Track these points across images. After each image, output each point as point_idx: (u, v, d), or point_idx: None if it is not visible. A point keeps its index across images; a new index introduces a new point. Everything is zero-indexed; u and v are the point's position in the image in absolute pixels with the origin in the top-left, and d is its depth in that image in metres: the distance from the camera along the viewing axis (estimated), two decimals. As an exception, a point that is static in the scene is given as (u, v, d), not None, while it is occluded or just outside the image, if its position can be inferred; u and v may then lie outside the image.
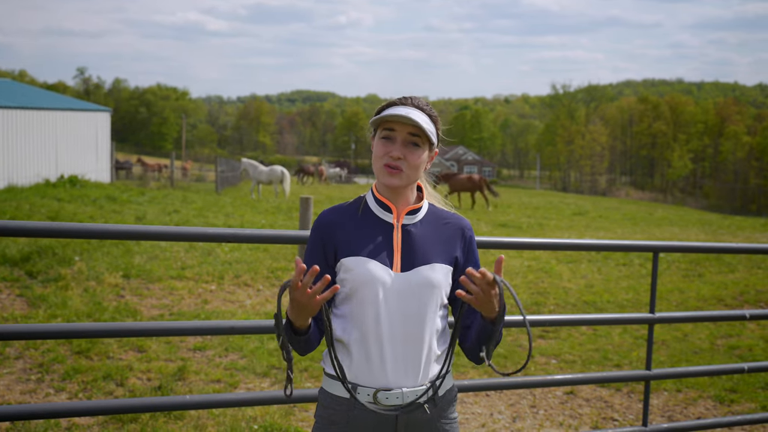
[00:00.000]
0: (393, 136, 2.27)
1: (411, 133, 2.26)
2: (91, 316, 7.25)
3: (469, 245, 2.38)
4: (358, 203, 2.38)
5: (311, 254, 2.33)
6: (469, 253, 2.38)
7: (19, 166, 22.84)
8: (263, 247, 11.20)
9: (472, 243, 2.40)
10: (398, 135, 2.26)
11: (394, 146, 2.26)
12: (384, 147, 2.27)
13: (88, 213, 13.87)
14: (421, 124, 2.22)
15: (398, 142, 2.26)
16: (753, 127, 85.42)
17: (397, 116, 2.22)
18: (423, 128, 2.23)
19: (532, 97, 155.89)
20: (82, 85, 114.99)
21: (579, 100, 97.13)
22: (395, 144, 2.26)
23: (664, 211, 33.87)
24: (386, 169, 2.26)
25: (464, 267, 2.35)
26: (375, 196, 2.36)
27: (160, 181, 33.90)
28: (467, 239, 2.38)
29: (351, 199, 2.42)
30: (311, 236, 2.34)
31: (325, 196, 27.21)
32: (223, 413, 5.14)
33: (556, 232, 17.01)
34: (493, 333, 2.19)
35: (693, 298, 9.72)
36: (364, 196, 2.40)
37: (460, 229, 2.37)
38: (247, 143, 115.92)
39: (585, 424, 5.49)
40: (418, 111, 2.28)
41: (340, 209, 2.37)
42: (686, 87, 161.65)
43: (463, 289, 2.30)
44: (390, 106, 2.31)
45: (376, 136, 2.32)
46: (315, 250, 2.32)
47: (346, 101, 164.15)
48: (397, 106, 2.29)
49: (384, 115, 2.25)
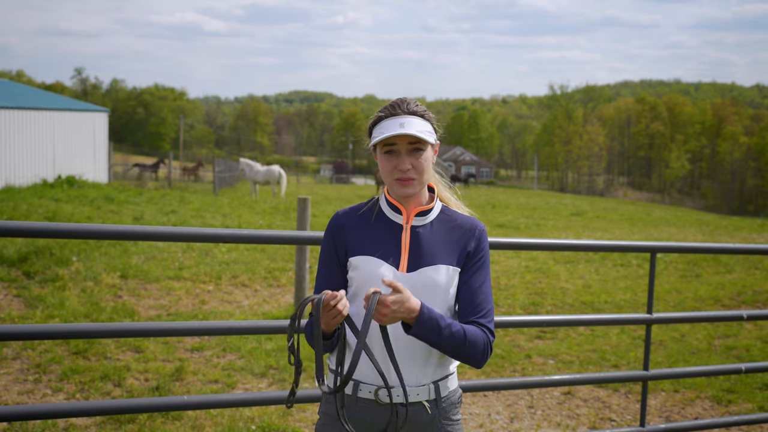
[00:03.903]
0: (395, 150, 2.29)
1: (411, 141, 2.29)
2: (89, 317, 7.24)
3: (477, 247, 2.36)
4: (373, 204, 2.43)
5: (325, 254, 2.41)
6: (477, 254, 2.36)
7: (16, 166, 22.82)
8: (261, 248, 11.20)
9: (481, 248, 2.38)
10: (400, 148, 2.29)
11: (400, 159, 2.29)
12: (390, 162, 2.30)
13: (85, 213, 13.86)
14: (419, 135, 2.24)
15: (402, 155, 2.29)
16: (750, 128, 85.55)
17: (395, 136, 2.25)
18: (421, 137, 2.25)
19: (529, 97, 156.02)
20: (79, 86, 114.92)
21: (576, 101, 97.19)
22: (400, 156, 2.29)
23: (662, 211, 33.91)
24: (398, 182, 2.30)
25: (471, 268, 2.34)
26: (386, 198, 2.40)
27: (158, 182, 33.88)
28: (477, 241, 2.37)
29: (366, 200, 2.47)
30: (325, 236, 2.43)
31: (322, 197, 27.22)
32: (221, 414, 5.14)
33: (554, 233, 17.02)
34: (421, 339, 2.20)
35: (690, 298, 9.73)
36: (378, 198, 2.44)
37: (470, 231, 2.37)
38: (245, 144, 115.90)
39: (582, 424, 5.49)
40: (410, 117, 2.30)
41: (354, 210, 2.43)
42: (684, 87, 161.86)
43: (460, 295, 2.35)
44: (381, 119, 2.32)
45: (377, 152, 2.34)
46: (328, 250, 2.40)
47: (344, 101, 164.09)
48: (390, 119, 2.30)
49: (383, 137, 2.26)
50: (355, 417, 2.31)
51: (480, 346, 2.26)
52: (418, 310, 2.14)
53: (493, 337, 2.31)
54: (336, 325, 2.17)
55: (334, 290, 2.35)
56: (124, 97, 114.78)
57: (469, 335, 2.23)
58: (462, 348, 2.22)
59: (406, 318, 2.14)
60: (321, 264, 2.42)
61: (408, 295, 2.13)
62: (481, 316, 2.31)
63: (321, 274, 2.40)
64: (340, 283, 2.39)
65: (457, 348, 2.22)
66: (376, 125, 2.34)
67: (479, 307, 2.32)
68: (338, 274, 2.39)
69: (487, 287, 2.36)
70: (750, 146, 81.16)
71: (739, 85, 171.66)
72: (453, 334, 2.20)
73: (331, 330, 2.22)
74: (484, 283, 2.35)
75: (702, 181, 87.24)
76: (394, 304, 2.10)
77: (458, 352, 2.24)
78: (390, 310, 2.10)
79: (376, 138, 2.28)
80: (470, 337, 2.24)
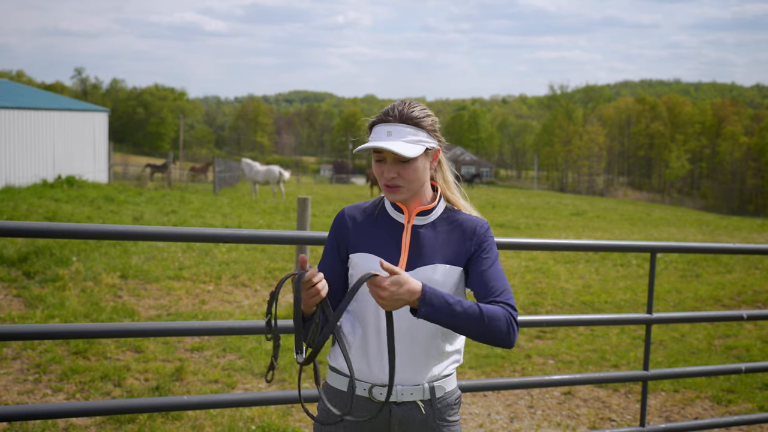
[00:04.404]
0: (383, 158, 2.30)
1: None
2: (89, 317, 7.24)
3: (479, 246, 2.33)
4: (377, 202, 2.44)
5: (328, 250, 2.44)
6: (479, 254, 2.33)
7: (16, 166, 22.82)
8: (261, 248, 11.20)
9: (485, 244, 2.34)
10: (387, 156, 2.29)
11: (386, 167, 2.29)
12: (378, 168, 2.31)
13: (85, 213, 13.86)
14: (398, 152, 2.20)
15: (389, 163, 2.28)
16: (750, 128, 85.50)
17: (374, 147, 2.24)
18: (402, 156, 2.22)
19: (529, 97, 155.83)
20: (79, 86, 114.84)
21: (576, 101, 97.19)
22: (387, 165, 2.29)
23: (662, 211, 33.92)
24: (386, 189, 2.31)
25: (477, 260, 2.32)
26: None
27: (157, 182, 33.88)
28: (479, 240, 2.34)
29: (371, 199, 2.47)
30: (329, 232, 2.45)
31: (322, 197, 27.22)
32: (221, 413, 5.14)
33: (554, 233, 17.02)
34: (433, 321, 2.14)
35: (690, 298, 9.73)
36: (383, 196, 2.45)
37: (472, 230, 2.35)
38: (245, 144, 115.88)
39: (582, 424, 5.50)
40: (400, 125, 2.27)
41: (358, 207, 2.45)
42: (684, 87, 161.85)
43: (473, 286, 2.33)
44: (375, 124, 2.33)
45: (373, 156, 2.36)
46: (332, 245, 2.43)
47: (344, 101, 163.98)
48: (380, 125, 2.30)
49: (362, 148, 2.27)
50: (351, 413, 2.31)
51: (503, 322, 2.16)
52: (419, 291, 2.07)
53: (515, 312, 2.21)
54: (314, 304, 2.16)
55: (334, 284, 2.38)
56: (124, 97, 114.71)
57: (485, 311, 2.14)
58: (482, 324, 2.13)
59: (409, 301, 2.07)
60: (323, 257, 2.44)
61: (406, 277, 2.06)
62: (497, 295, 2.24)
63: (322, 267, 2.42)
64: (341, 278, 2.40)
65: (476, 325, 2.13)
66: (371, 128, 2.35)
67: (493, 288, 2.25)
68: (339, 268, 2.40)
69: (497, 270, 2.30)
70: (750, 146, 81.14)
71: (739, 85, 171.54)
72: (465, 310, 2.11)
73: (310, 311, 2.21)
74: (492, 267, 2.30)
75: (702, 181, 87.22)
76: (392, 285, 2.04)
77: (481, 331, 2.14)
78: (388, 292, 2.04)
79: (360, 146, 2.29)
80: (488, 312, 2.14)
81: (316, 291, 2.13)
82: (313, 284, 2.12)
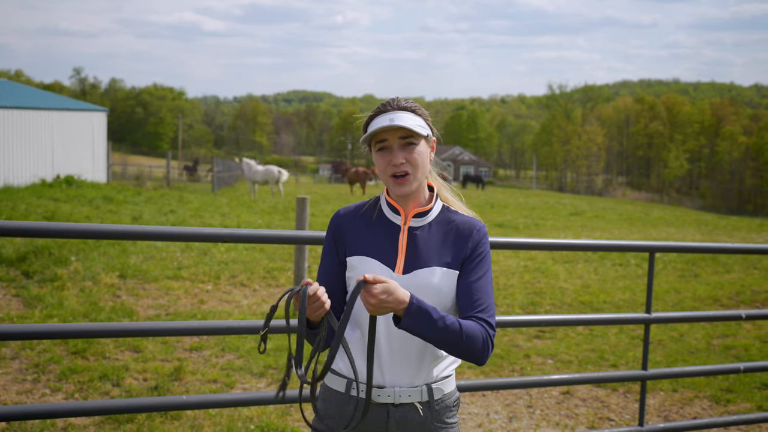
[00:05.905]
0: (387, 146, 2.29)
1: (402, 136, 2.28)
2: (88, 317, 7.24)
3: (475, 248, 2.33)
4: (374, 203, 2.42)
5: (326, 251, 2.43)
6: (472, 258, 2.32)
7: (15, 166, 22.81)
8: (259, 248, 11.20)
9: (480, 246, 2.34)
10: (392, 143, 2.28)
11: (393, 154, 2.28)
12: (384, 158, 2.30)
13: (84, 213, 13.85)
14: (407, 125, 2.24)
15: (395, 149, 2.28)
16: (749, 128, 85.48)
17: (382, 128, 2.25)
18: (411, 129, 2.24)
19: (528, 97, 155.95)
20: (78, 85, 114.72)
21: (575, 101, 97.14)
22: (393, 151, 2.28)
23: (661, 211, 33.92)
24: (393, 179, 2.28)
25: (468, 266, 2.31)
26: (386, 198, 2.40)
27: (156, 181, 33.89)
28: (475, 241, 2.33)
29: (368, 199, 2.46)
30: (326, 234, 2.43)
31: (321, 197, 27.21)
32: (220, 413, 5.14)
33: (553, 233, 17.02)
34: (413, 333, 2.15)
35: (689, 298, 9.73)
36: (379, 197, 2.44)
37: (468, 232, 2.34)
38: (244, 143, 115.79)
39: (581, 424, 5.50)
40: (400, 112, 2.30)
41: (355, 209, 2.42)
42: (682, 87, 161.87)
43: (459, 293, 2.32)
44: (373, 117, 2.34)
45: (372, 151, 2.34)
46: (329, 248, 2.41)
47: (343, 101, 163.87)
48: (380, 116, 2.31)
49: (371, 132, 2.27)
50: (347, 414, 2.30)
51: (479, 341, 2.18)
52: (407, 302, 2.09)
53: (493, 331, 2.24)
54: (319, 317, 2.16)
55: (332, 288, 2.37)
56: (123, 96, 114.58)
57: (465, 328, 2.16)
58: (459, 342, 2.16)
59: (396, 309, 2.09)
60: (322, 261, 2.42)
61: (396, 286, 2.08)
62: (480, 311, 2.25)
63: (321, 272, 2.41)
64: (340, 281, 2.38)
65: (453, 342, 2.16)
66: (368, 124, 2.34)
67: (477, 302, 2.26)
68: (338, 272, 2.38)
69: (486, 283, 2.30)
70: (749, 146, 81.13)
71: (738, 85, 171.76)
72: (447, 327, 2.13)
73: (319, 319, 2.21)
74: (482, 279, 2.30)
75: (701, 180, 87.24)
76: (382, 293, 2.05)
77: (456, 347, 2.17)
78: (377, 300, 2.05)
79: (372, 128, 2.27)
80: (467, 330, 2.16)
81: (321, 304, 2.12)
82: (318, 298, 2.11)
